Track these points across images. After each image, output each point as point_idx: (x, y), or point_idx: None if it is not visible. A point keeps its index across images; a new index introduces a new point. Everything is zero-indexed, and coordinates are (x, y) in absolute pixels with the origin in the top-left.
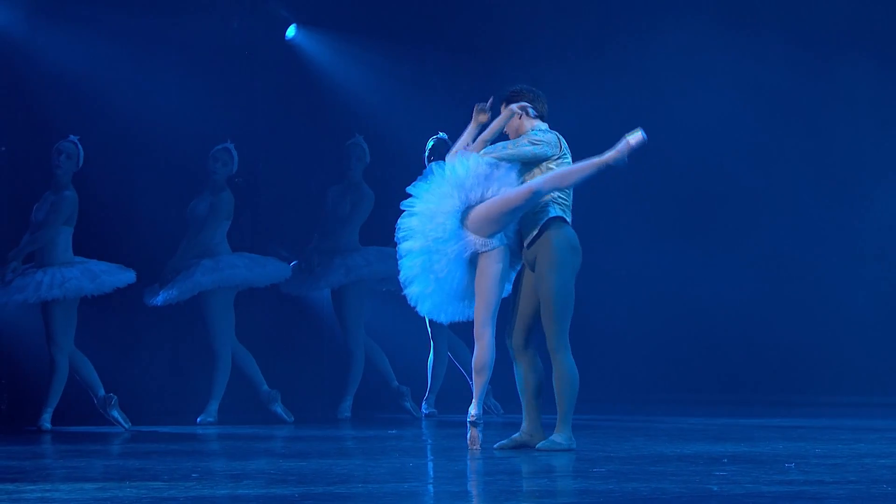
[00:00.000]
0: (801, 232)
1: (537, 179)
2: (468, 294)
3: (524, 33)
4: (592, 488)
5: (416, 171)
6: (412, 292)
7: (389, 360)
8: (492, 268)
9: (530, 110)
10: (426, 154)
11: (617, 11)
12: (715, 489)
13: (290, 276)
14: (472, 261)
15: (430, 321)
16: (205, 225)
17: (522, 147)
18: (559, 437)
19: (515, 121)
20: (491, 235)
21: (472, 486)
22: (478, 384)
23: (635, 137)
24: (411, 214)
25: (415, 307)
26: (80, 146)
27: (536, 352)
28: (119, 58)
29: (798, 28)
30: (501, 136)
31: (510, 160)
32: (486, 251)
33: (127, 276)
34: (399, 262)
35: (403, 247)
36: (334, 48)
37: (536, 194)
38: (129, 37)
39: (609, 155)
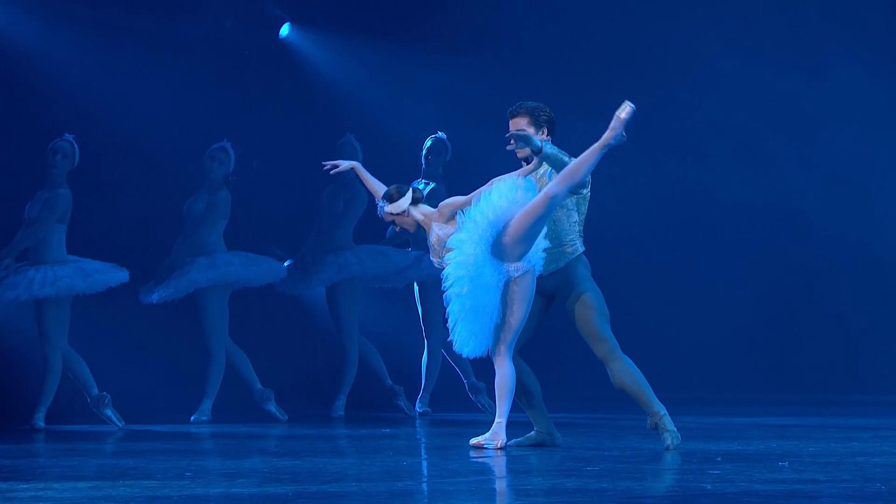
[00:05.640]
0: (801, 232)
1: (551, 184)
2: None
3: (519, 31)
4: (586, 487)
5: (411, 169)
6: (459, 335)
7: (383, 359)
8: (526, 292)
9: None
10: (423, 153)
11: (613, 12)
12: (709, 488)
13: (286, 275)
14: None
15: (423, 319)
16: (201, 224)
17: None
18: None
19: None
20: (521, 257)
21: (464, 485)
22: (505, 405)
23: (624, 110)
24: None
25: (460, 351)
26: (75, 145)
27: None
28: (113, 56)
29: (797, 29)
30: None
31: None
32: (518, 276)
33: (120, 276)
34: (448, 309)
35: (450, 293)
36: (328, 47)
37: (554, 198)
38: (123, 36)
39: (606, 136)
